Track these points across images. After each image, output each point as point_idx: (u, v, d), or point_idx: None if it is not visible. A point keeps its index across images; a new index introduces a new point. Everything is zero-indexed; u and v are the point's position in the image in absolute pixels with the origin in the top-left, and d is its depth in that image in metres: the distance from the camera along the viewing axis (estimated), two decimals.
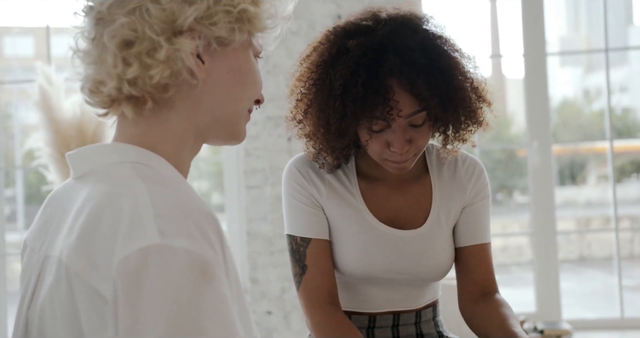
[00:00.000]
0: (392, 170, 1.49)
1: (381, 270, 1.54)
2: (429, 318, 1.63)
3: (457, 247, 1.61)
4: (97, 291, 0.81)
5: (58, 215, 0.95)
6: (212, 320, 0.80)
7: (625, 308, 3.32)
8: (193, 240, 0.82)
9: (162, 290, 0.79)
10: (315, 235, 1.55)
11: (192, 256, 0.81)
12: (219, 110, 1.00)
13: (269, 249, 3.21)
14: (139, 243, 0.80)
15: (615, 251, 3.42)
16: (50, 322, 0.86)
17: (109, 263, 0.81)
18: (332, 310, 1.53)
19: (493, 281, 1.61)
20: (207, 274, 0.81)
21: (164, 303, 0.78)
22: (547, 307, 3.26)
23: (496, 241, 7.66)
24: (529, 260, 3.16)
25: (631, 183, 8.32)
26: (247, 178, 3.26)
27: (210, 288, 0.81)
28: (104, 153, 0.95)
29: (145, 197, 0.85)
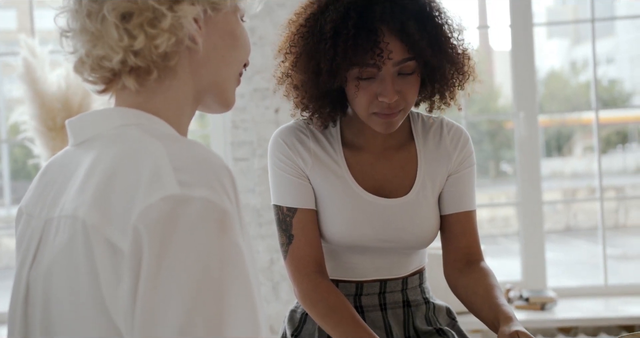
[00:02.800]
0: (378, 128, 1.50)
1: (367, 239, 1.56)
2: (416, 285, 1.65)
3: (442, 215, 1.63)
4: (113, 244, 0.83)
5: (59, 180, 0.96)
6: (230, 269, 0.83)
7: (609, 277, 3.37)
8: (212, 190, 0.84)
9: (183, 238, 0.81)
10: (302, 204, 1.56)
11: (211, 206, 0.83)
12: (216, 75, 1.02)
13: (257, 221, 3.23)
14: (160, 193, 0.82)
15: (599, 221, 3.46)
16: (59, 281, 0.88)
17: (127, 216, 0.82)
18: (319, 278, 1.54)
19: (478, 249, 1.63)
20: (225, 224, 0.84)
21: (185, 251, 0.81)
22: (532, 276, 3.30)
23: (483, 213, 7.71)
24: (516, 230, 3.20)
25: (617, 153, 8.38)
26: (235, 150, 3.26)
27: (227, 238, 0.84)
28: (109, 117, 0.96)
29: (162, 152, 0.87)
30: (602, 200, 3.42)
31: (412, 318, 1.62)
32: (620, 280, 3.45)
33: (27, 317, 0.92)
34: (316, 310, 1.52)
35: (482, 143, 7.25)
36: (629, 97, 9.61)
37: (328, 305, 1.51)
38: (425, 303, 1.66)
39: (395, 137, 1.61)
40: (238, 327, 0.82)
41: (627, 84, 14.19)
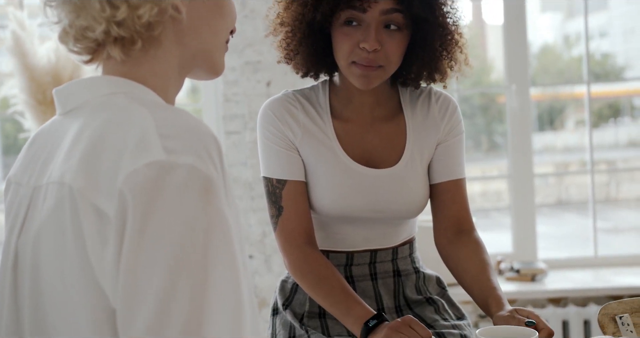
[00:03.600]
0: (356, 81, 1.50)
1: (357, 209, 1.56)
2: (406, 255, 1.66)
3: (431, 184, 1.64)
4: (99, 209, 0.84)
5: (47, 148, 0.96)
6: (214, 236, 0.84)
7: (599, 249, 3.40)
8: (197, 158, 0.85)
9: (168, 204, 0.82)
10: (291, 176, 1.56)
11: (196, 173, 0.84)
12: (201, 43, 1.02)
13: (249, 194, 3.23)
14: (145, 159, 0.83)
15: (590, 194, 3.48)
16: (48, 247, 0.88)
17: (113, 180, 0.83)
18: (309, 249, 1.55)
19: (468, 218, 1.64)
20: (210, 191, 0.84)
21: (170, 218, 0.82)
22: (523, 248, 3.32)
23: (475, 187, 7.74)
24: (508, 204, 3.22)
25: (609, 127, 8.40)
26: (226, 123, 3.26)
27: (212, 205, 0.84)
28: (96, 86, 0.96)
29: (148, 119, 0.87)
30: (593, 173, 3.44)
31: (402, 287, 1.64)
32: (610, 252, 3.47)
33: (17, 283, 0.93)
34: (306, 280, 1.53)
35: (475, 117, 7.26)
36: (622, 71, 9.60)
37: (318, 276, 1.52)
38: (415, 273, 1.67)
39: (384, 107, 1.62)
40: (220, 293, 0.83)
41: (620, 58, 14.19)
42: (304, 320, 1.59)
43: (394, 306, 1.62)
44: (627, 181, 7.72)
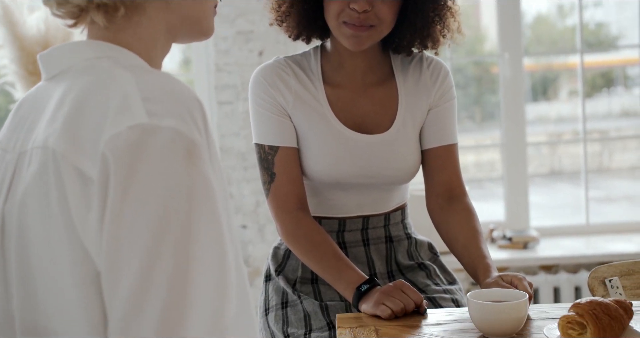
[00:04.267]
0: (346, 42, 1.50)
1: (349, 175, 1.57)
2: (398, 221, 1.67)
3: (423, 149, 1.64)
4: (82, 172, 0.83)
5: (32, 114, 0.96)
6: (197, 198, 0.84)
7: (590, 217, 3.42)
8: (181, 121, 0.85)
9: (151, 167, 0.82)
10: (283, 142, 1.56)
11: (179, 136, 0.84)
12: (187, 9, 1.01)
13: (242, 164, 3.23)
14: (128, 121, 0.83)
15: (582, 163, 3.49)
16: (33, 211, 0.88)
17: (96, 143, 0.83)
18: (301, 215, 1.56)
19: (460, 183, 1.64)
20: (193, 154, 0.84)
21: (153, 180, 0.82)
22: (515, 216, 3.34)
23: (469, 157, 7.75)
24: (501, 174, 3.24)
25: (602, 97, 8.41)
26: (219, 93, 3.24)
27: (196, 168, 0.84)
28: (80, 50, 0.95)
29: (131, 82, 0.87)
30: (586, 143, 3.45)
31: (394, 253, 1.65)
32: (601, 219, 3.50)
33: (4, 248, 0.93)
34: (299, 246, 1.54)
35: (468, 88, 7.24)
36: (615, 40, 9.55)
37: (310, 242, 1.53)
38: (407, 239, 1.68)
39: (376, 73, 1.61)
40: (205, 256, 0.84)
41: (614, 27, 14.11)
42: (297, 286, 1.61)
43: (386, 271, 1.63)
44: (620, 150, 7.75)
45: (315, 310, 1.54)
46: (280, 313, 1.59)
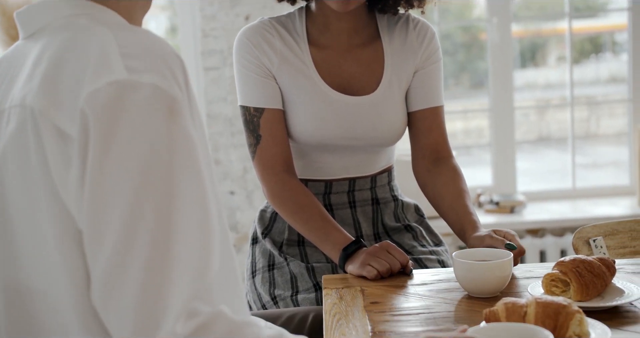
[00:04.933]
0: (334, 3, 1.49)
1: (335, 137, 1.57)
2: (384, 183, 1.67)
3: (409, 112, 1.63)
4: (61, 130, 0.83)
5: (9, 73, 0.95)
6: (179, 155, 0.84)
7: (577, 182, 3.44)
8: (161, 77, 0.84)
9: (131, 124, 0.81)
10: (269, 104, 1.55)
11: (160, 92, 0.83)
12: None
13: (230, 130, 3.22)
14: (107, 78, 0.82)
15: (569, 128, 3.50)
16: (12, 169, 0.88)
17: (75, 100, 0.82)
18: (287, 177, 1.56)
19: (446, 145, 1.64)
20: (173, 111, 0.84)
21: (133, 137, 0.81)
22: (503, 180, 3.36)
23: (457, 124, 7.75)
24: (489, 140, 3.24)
25: (590, 63, 8.40)
26: (205, 59, 3.22)
27: (177, 125, 0.84)
28: (57, 7, 0.94)
29: (110, 38, 0.86)
30: (573, 107, 3.45)
31: (380, 215, 1.65)
32: (587, 183, 3.52)
33: None
34: (285, 208, 1.54)
35: (457, 54, 7.20)
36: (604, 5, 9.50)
37: (297, 203, 1.53)
38: (393, 201, 1.68)
39: (361, 34, 1.60)
40: (187, 212, 0.83)
41: None
42: (283, 248, 1.61)
43: (373, 233, 1.64)
44: (607, 116, 7.77)
45: (301, 272, 1.55)
46: (267, 275, 1.59)
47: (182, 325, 0.80)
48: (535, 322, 0.99)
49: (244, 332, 0.84)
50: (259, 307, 1.59)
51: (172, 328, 0.80)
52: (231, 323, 0.84)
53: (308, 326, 1.39)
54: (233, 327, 0.83)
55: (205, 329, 0.82)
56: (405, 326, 1.15)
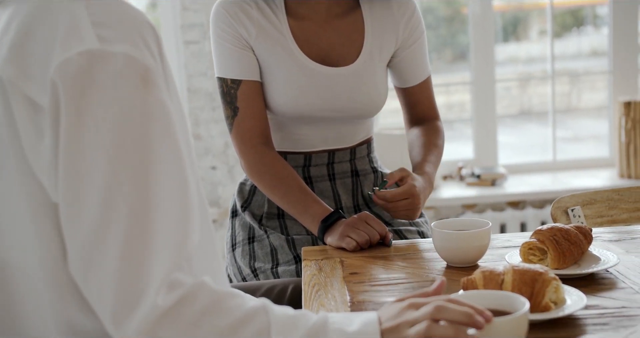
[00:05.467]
0: None
1: (314, 109, 1.55)
2: (364, 154, 1.67)
3: (400, 88, 1.66)
4: (31, 100, 0.81)
5: None
6: (154, 124, 0.82)
7: (558, 155, 3.46)
8: (133, 46, 0.82)
9: (104, 94, 0.80)
10: (246, 76, 1.54)
11: (133, 62, 0.82)
12: None
13: (211, 105, 3.20)
14: (78, 47, 0.80)
15: (550, 102, 3.50)
16: None
17: (45, 70, 0.80)
18: (265, 149, 1.55)
19: (433, 110, 1.69)
20: (147, 80, 0.82)
21: (107, 108, 0.80)
22: (484, 154, 3.36)
23: (440, 98, 7.75)
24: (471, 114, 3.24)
25: (572, 37, 8.38)
26: (185, 33, 3.18)
27: (151, 94, 0.82)
28: None
29: (80, 7, 0.84)
30: (554, 81, 3.46)
31: (360, 187, 1.65)
32: (568, 156, 3.53)
33: None
34: (264, 181, 1.54)
35: (439, 28, 7.16)
36: None
37: (275, 176, 1.52)
38: (373, 172, 1.68)
39: (340, 4, 1.58)
40: (165, 183, 0.82)
41: None
42: (263, 221, 1.61)
43: (353, 205, 1.64)
44: (589, 90, 7.79)
45: (281, 244, 1.55)
46: (247, 248, 1.59)
47: (163, 296, 0.80)
48: (512, 290, 1.00)
49: (228, 302, 0.83)
50: (239, 280, 1.59)
51: (154, 300, 0.79)
52: (214, 293, 0.83)
53: (287, 297, 1.40)
54: (216, 297, 0.83)
55: (188, 300, 0.81)
56: (384, 296, 1.15)
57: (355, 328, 0.82)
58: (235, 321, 0.81)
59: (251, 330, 0.81)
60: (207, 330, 0.80)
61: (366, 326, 0.82)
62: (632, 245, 1.32)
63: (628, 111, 3.12)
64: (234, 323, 0.81)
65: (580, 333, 0.94)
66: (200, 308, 0.81)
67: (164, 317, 0.79)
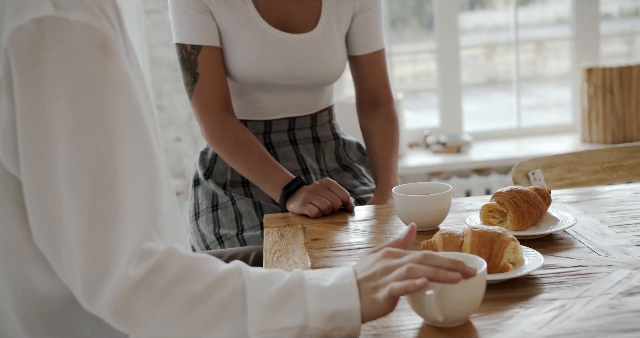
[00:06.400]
0: None
1: (274, 75, 1.54)
2: (325, 121, 1.66)
3: (352, 56, 1.64)
4: None
5: None
6: (116, 93, 0.80)
7: (523, 123, 3.48)
8: (91, 14, 0.80)
9: (62, 64, 0.77)
10: (206, 41, 1.51)
11: (91, 30, 0.79)
12: None
13: (174, 75, 3.16)
14: (32, 14, 0.77)
15: (514, 70, 3.52)
16: None
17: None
18: (226, 116, 1.53)
19: (386, 89, 1.66)
20: (107, 49, 0.80)
21: (65, 77, 0.78)
22: (450, 122, 3.38)
23: (407, 68, 7.75)
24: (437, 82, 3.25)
25: (536, 5, 8.41)
26: (145, 2, 3.13)
27: (112, 63, 0.80)
28: None
29: None
30: (517, 48, 3.47)
31: (322, 152, 1.65)
32: (532, 123, 3.56)
33: None
34: (224, 148, 1.52)
35: None
36: None
37: (236, 142, 1.51)
38: (334, 139, 1.68)
39: None
40: (130, 152, 0.81)
41: None
42: (228, 189, 1.60)
43: (318, 168, 1.64)
44: (554, 58, 7.85)
45: (249, 210, 1.54)
46: (211, 215, 1.58)
47: (134, 267, 0.78)
48: (471, 251, 1.00)
49: (200, 267, 0.82)
50: (202, 248, 1.58)
51: (125, 272, 0.78)
52: (185, 259, 0.82)
53: (250, 265, 1.39)
54: (188, 263, 0.81)
55: (160, 269, 0.80)
56: (345, 261, 1.15)
57: (332, 282, 0.82)
58: (209, 285, 0.80)
59: (226, 291, 0.80)
60: (182, 297, 0.79)
61: (342, 279, 0.82)
62: (590, 206, 1.34)
63: (590, 77, 3.14)
64: (207, 287, 0.80)
65: (537, 292, 0.95)
66: (172, 275, 0.80)
67: (137, 288, 0.78)
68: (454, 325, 0.86)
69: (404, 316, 0.90)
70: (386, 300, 0.80)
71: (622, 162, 1.62)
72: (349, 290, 0.80)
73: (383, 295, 0.80)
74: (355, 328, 0.81)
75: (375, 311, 0.81)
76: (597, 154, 1.63)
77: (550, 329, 0.83)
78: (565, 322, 0.85)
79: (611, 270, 1.01)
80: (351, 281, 0.81)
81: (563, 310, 0.88)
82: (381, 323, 0.88)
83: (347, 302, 0.80)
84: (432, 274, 0.80)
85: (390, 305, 0.81)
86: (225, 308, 0.79)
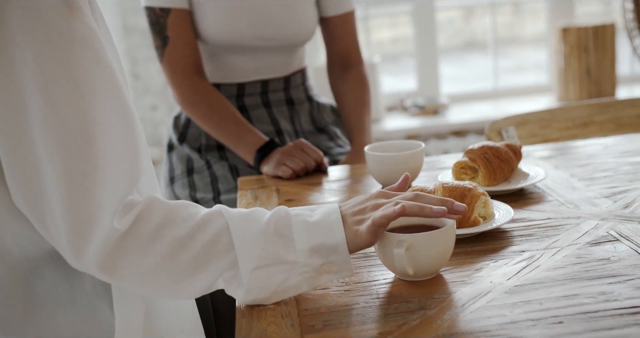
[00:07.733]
0: None
1: (245, 37, 1.53)
2: (298, 84, 1.65)
3: (322, 17, 1.62)
4: None
5: None
6: (84, 49, 0.79)
7: (501, 84, 3.49)
8: None
9: (26, 21, 0.76)
10: (174, 4, 1.50)
11: None
12: None
13: (148, 42, 3.12)
14: None
15: (491, 33, 3.51)
16: None
17: None
18: (197, 79, 1.52)
19: (356, 51, 1.66)
20: (72, 6, 0.79)
21: (31, 35, 0.77)
22: (427, 85, 3.37)
23: (385, 33, 7.71)
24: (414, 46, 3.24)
25: None
26: None
27: (77, 19, 0.79)
28: None
29: None
30: (495, 7, 3.46)
31: (297, 114, 1.64)
32: (509, 84, 3.57)
33: None
34: (197, 111, 1.51)
35: None
36: None
37: (208, 106, 1.50)
38: (308, 101, 1.67)
39: None
40: (105, 107, 0.80)
41: None
42: (203, 153, 1.59)
43: (293, 130, 1.63)
44: (531, 20, 7.84)
45: (224, 174, 1.54)
46: (187, 180, 1.58)
47: (119, 219, 0.79)
48: None
49: (182, 212, 0.82)
50: None
51: (110, 225, 0.78)
52: (168, 206, 0.83)
53: None
54: (170, 209, 0.82)
55: (144, 217, 0.80)
56: None
57: (317, 218, 0.83)
58: (192, 228, 0.81)
59: (209, 232, 0.81)
60: (166, 243, 0.80)
61: (328, 215, 0.84)
62: (561, 161, 1.35)
63: (565, 36, 3.14)
64: (191, 231, 0.81)
65: (507, 244, 0.96)
66: (156, 222, 0.81)
67: (123, 239, 0.79)
68: (424, 278, 0.87)
69: (376, 271, 0.91)
70: (369, 230, 0.82)
71: (594, 118, 1.63)
72: (335, 224, 0.82)
73: (366, 225, 0.82)
74: (345, 262, 0.83)
75: (357, 242, 0.83)
76: (568, 110, 1.64)
77: (519, 279, 0.85)
78: (533, 272, 0.87)
79: (579, 222, 1.02)
80: (336, 218, 0.83)
81: (531, 261, 0.90)
82: (353, 279, 0.89)
83: (333, 236, 0.82)
84: (417, 209, 0.82)
85: (372, 236, 0.82)
86: (211, 248, 0.81)
